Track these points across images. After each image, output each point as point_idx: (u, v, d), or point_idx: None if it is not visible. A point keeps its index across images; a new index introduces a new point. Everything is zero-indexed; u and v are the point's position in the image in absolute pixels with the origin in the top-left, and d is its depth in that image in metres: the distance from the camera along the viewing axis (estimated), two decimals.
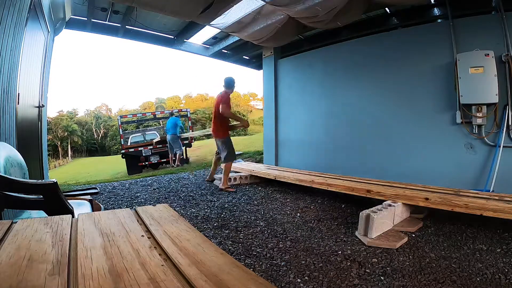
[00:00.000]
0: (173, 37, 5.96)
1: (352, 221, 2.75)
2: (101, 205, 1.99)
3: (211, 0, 3.50)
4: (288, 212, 3.15)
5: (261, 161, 6.81)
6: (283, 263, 1.98)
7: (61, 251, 0.80)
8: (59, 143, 35.76)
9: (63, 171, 20.45)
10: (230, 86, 4.29)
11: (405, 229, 2.46)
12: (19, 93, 2.54)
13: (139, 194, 4.17)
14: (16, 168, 1.56)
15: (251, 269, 1.69)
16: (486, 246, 2.13)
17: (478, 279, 1.71)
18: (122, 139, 10.67)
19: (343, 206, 3.25)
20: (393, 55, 4.16)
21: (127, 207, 1.96)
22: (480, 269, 1.82)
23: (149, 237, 0.95)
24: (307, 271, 1.87)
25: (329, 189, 3.29)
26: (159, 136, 11.84)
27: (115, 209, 2.43)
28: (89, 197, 1.92)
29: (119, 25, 5.22)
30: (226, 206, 3.41)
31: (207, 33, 5.75)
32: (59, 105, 65.47)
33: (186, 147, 10.50)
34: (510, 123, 3.24)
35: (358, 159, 4.53)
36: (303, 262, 1.99)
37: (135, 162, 9.49)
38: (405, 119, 4.05)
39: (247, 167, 4.97)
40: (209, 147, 13.28)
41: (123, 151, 10.13)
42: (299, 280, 1.77)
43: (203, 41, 6.33)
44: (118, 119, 11.51)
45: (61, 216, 1.11)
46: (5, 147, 1.61)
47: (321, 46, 5.23)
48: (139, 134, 12.48)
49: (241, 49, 6.40)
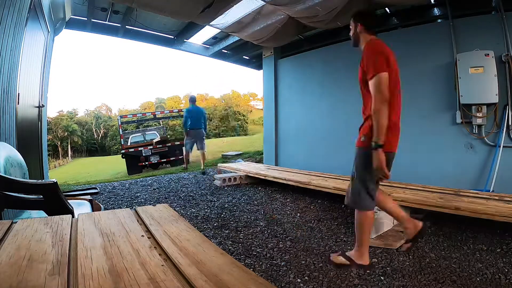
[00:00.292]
0: (173, 37, 5.96)
1: (352, 221, 2.73)
2: (101, 205, 1.99)
3: (211, 0, 3.50)
4: (288, 212, 3.15)
5: (261, 161, 6.81)
6: (283, 263, 1.98)
7: (61, 251, 0.80)
8: (59, 143, 35.76)
9: (63, 171, 20.44)
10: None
11: None
12: (19, 93, 2.54)
13: (139, 194, 4.17)
14: (16, 168, 1.56)
15: (251, 269, 1.69)
16: (486, 246, 2.13)
17: (478, 279, 1.71)
18: (122, 139, 10.66)
19: (343, 206, 3.24)
20: None
21: (127, 207, 1.96)
22: (480, 269, 1.82)
23: (149, 237, 0.95)
24: (307, 271, 1.87)
25: (329, 191, 3.27)
26: (159, 136, 11.84)
27: (115, 209, 2.44)
28: (89, 197, 1.92)
29: (119, 25, 5.23)
30: (226, 206, 3.41)
31: (207, 33, 5.75)
32: (59, 105, 65.44)
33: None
34: (510, 123, 3.24)
35: None
36: (303, 262, 1.99)
37: (135, 162, 9.48)
38: (405, 119, 3.99)
39: (246, 168, 4.97)
40: (209, 147, 13.26)
41: (123, 151, 10.12)
42: (299, 280, 1.77)
43: (203, 41, 6.33)
44: (118, 119, 11.51)
45: (61, 216, 1.11)
46: (5, 147, 1.61)
47: (321, 46, 5.23)
48: (139, 134, 12.49)
49: (241, 49, 6.40)
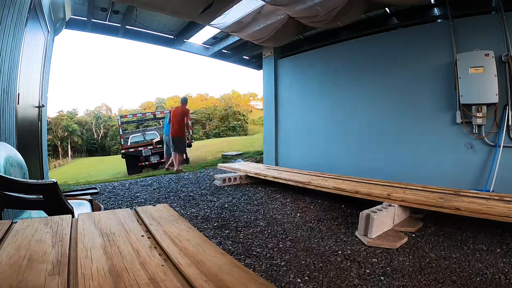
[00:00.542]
0: (173, 37, 5.96)
1: (352, 221, 2.75)
2: (101, 205, 1.99)
3: (211, 0, 3.50)
4: (288, 212, 3.15)
5: (261, 161, 6.81)
6: (283, 263, 1.98)
7: (61, 251, 0.80)
8: (59, 143, 35.73)
9: (63, 171, 20.45)
10: None
11: (405, 229, 2.46)
12: (19, 93, 2.54)
13: (139, 194, 4.17)
14: (16, 168, 1.56)
15: (251, 269, 1.69)
16: (486, 246, 2.13)
17: (478, 279, 1.71)
18: (122, 139, 10.66)
19: (343, 206, 3.25)
20: (393, 55, 4.16)
21: (127, 207, 1.96)
22: (480, 269, 1.82)
23: (149, 237, 0.95)
24: (307, 271, 1.87)
25: (329, 191, 3.26)
26: (159, 136, 11.84)
27: (115, 209, 2.44)
28: (89, 197, 1.92)
29: (119, 25, 5.23)
30: (226, 206, 3.41)
31: (207, 33, 5.75)
32: (59, 105, 65.38)
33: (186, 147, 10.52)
34: (510, 123, 3.24)
35: (358, 159, 4.53)
36: (303, 262, 1.99)
37: (135, 162, 9.48)
38: (405, 119, 4.05)
39: (246, 168, 4.97)
40: (208, 147, 13.27)
41: (123, 151, 10.12)
42: (299, 280, 1.77)
43: (203, 41, 6.33)
44: (118, 119, 11.51)
45: (61, 216, 1.11)
46: (5, 147, 1.61)
47: (321, 46, 5.23)
48: (139, 134, 12.47)
49: (241, 49, 6.40)
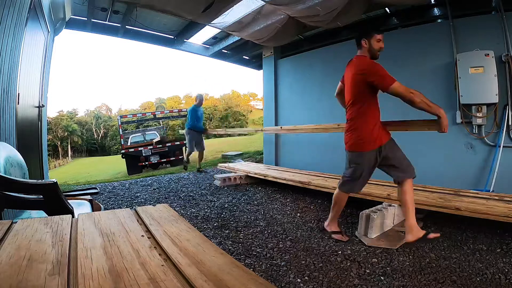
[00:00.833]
0: (173, 37, 5.96)
1: (352, 221, 2.75)
2: (101, 205, 1.99)
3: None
4: (288, 212, 3.15)
5: (261, 161, 6.81)
6: (283, 263, 1.98)
7: (61, 251, 0.80)
8: (59, 143, 35.73)
9: (63, 171, 20.43)
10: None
11: (405, 229, 2.45)
12: (19, 93, 2.54)
13: (139, 194, 4.17)
14: (16, 168, 1.56)
15: (251, 269, 1.69)
16: (486, 246, 2.13)
17: (478, 279, 1.71)
18: (122, 139, 10.67)
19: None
20: (393, 55, 4.15)
21: (127, 207, 1.96)
22: (480, 269, 1.82)
23: (149, 237, 0.95)
24: (307, 271, 1.87)
25: (330, 191, 3.27)
26: (159, 136, 11.84)
27: (115, 209, 2.44)
28: (89, 197, 1.92)
29: (119, 25, 5.22)
30: (226, 206, 3.41)
31: (207, 33, 5.75)
32: (59, 105, 65.56)
33: (186, 147, 10.52)
34: (510, 123, 3.24)
35: None
36: (303, 262, 1.99)
37: (135, 162, 9.49)
38: (405, 119, 4.04)
39: (246, 168, 4.97)
40: (209, 147, 13.25)
41: (123, 151, 10.13)
42: (299, 280, 1.77)
43: (203, 41, 6.33)
44: (118, 119, 11.51)
45: (61, 216, 1.10)
46: (5, 147, 1.61)
47: (321, 46, 5.23)
48: (139, 134, 12.49)
49: (241, 49, 6.40)
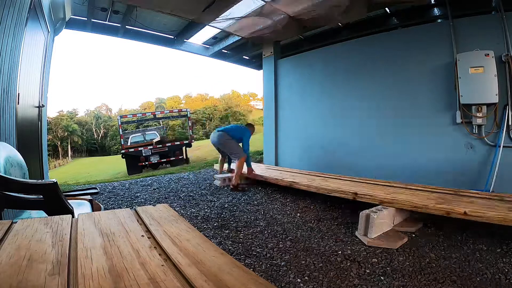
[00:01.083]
0: (173, 37, 5.96)
1: (352, 221, 2.75)
2: (101, 205, 1.99)
3: None
4: (288, 212, 3.15)
5: (261, 161, 6.80)
6: (283, 263, 1.98)
7: (61, 251, 0.80)
8: (59, 143, 35.69)
9: (63, 171, 20.43)
10: None
11: (405, 229, 2.46)
12: (19, 93, 2.54)
13: (139, 194, 4.16)
14: (16, 168, 1.56)
15: (251, 269, 1.69)
16: (486, 246, 2.13)
17: (478, 279, 1.71)
18: (122, 139, 10.67)
19: (343, 206, 3.25)
20: (393, 55, 4.16)
21: (127, 207, 1.96)
22: (480, 269, 1.82)
23: (149, 237, 0.95)
24: (307, 271, 1.87)
25: (330, 194, 3.23)
26: (159, 136, 11.85)
27: (115, 209, 2.44)
28: (89, 197, 1.92)
29: (119, 25, 5.23)
30: (226, 206, 3.41)
31: (207, 33, 5.75)
32: (59, 105, 65.28)
33: (186, 147, 10.54)
34: (510, 123, 3.24)
35: (358, 159, 4.53)
36: (303, 262, 1.99)
37: (135, 162, 9.50)
38: (405, 119, 4.05)
39: (246, 168, 4.95)
40: (209, 147, 13.26)
41: (123, 151, 10.13)
42: (299, 280, 1.77)
43: (203, 41, 6.33)
44: (118, 119, 11.50)
45: (61, 216, 1.11)
46: (5, 147, 1.61)
47: (321, 46, 5.24)
48: (139, 134, 12.50)
49: (241, 49, 6.41)
